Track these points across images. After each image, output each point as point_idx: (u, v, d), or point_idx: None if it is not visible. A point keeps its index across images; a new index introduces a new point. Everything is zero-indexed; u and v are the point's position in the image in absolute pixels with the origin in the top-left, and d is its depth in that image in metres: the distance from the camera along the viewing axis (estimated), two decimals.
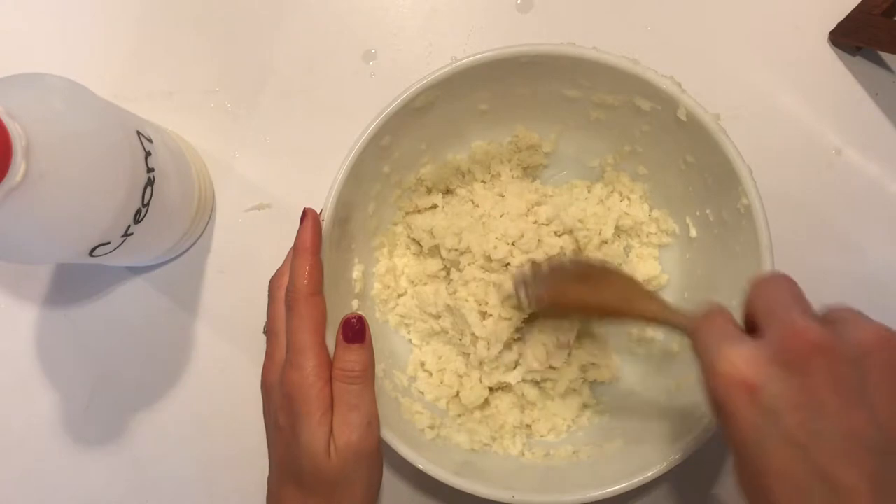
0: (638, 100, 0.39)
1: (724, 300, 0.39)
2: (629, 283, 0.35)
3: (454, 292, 0.43)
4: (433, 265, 0.45)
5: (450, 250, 0.43)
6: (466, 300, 0.42)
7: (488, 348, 0.42)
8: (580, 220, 0.43)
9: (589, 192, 0.46)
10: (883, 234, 0.46)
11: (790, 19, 0.48)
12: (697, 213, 0.42)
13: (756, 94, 0.47)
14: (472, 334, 0.42)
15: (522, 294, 0.39)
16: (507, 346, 0.42)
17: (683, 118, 0.37)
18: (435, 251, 0.45)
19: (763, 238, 0.36)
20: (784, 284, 0.27)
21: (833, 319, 0.25)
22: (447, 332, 0.44)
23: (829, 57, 0.48)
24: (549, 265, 0.39)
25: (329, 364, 0.35)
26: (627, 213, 0.45)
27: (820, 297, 0.46)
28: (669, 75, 0.38)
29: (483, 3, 0.49)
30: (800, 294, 0.27)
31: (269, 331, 0.38)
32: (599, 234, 0.43)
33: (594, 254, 0.43)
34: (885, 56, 0.48)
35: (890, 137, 0.47)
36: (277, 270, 0.38)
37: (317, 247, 0.36)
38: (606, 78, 0.39)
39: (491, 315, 0.41)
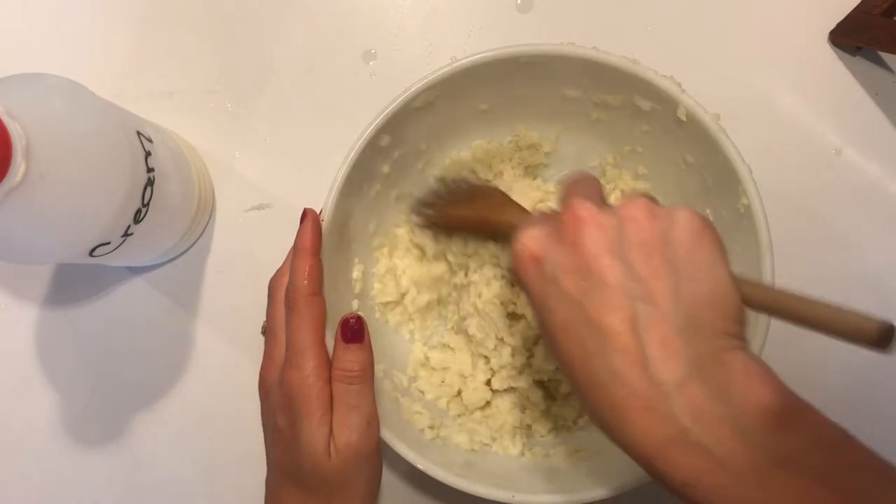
0: (638, 100, 0.39)
1: None
2: (501, 197, 0.39)
3: (479, 295, 0.42)
4: (437, 268, 0.44)
5: (457, 254, 0.43)
6: (493, 302, 0.42)
7: (513, 355, 0.42)
8: None
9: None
10: (883, 234, 0.46)
11: (790, 19, 0.48)
12: None
13: (756, 94, 0.47)
14: (499, 339, 0.42)
15: (415, 217, 0.42)
16: (519, 350, 0.42)
17: (683, 118, 0.37)
18: (440, 255, 0.44)
19: (763, 238, 0.36)
20: (581, 182, 0.32)
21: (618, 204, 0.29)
22: (473, 336, 0.43)
23: (829, 57, 0.48)
24: (447, 188, 0.42)
25: (329, 364, 0.35)
26: None
27: (820, 296, 0.46)
28: (669, 75, 0.38)
29: (483, 3, 0.49)
30: (591, 187, 0.31)
31: (268, 331, 0.38)
32: None
33: None
34: (885, 56, 0.48)
35: (890, 137, 0.47)
36: (277, 271, 0.38)
37: (317, 247, 0.36)
38: (606, 78, 0.39)
39: (523, 316, 0.41)
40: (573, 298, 0.27)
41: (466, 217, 0.40)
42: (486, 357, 0.43)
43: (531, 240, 0.29)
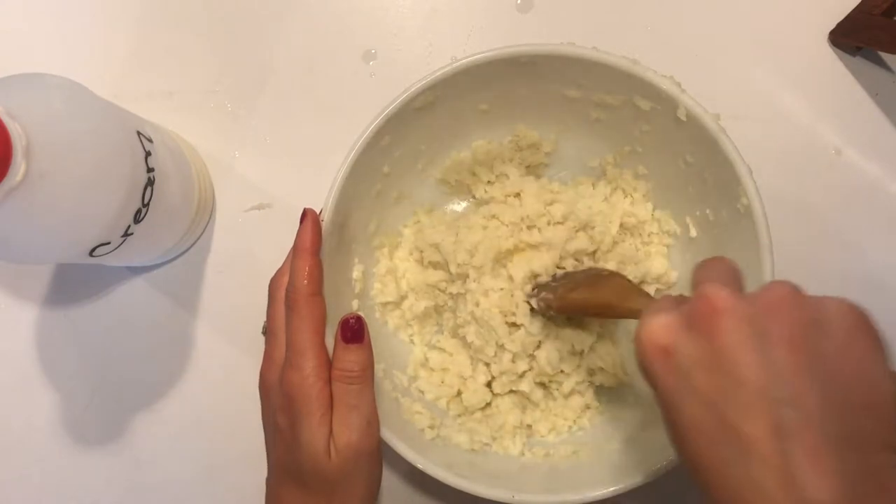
0: (638, 100, 0.39)
1: None
2: (625, 283, 0.37)
3: (477, 304, 0.42)
4: (433, 276, 0.44)
5: (460, 265, 0.42)
6: (491, 311, 0.42)
7: (514, 361, 0.42)
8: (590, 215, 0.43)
9: (594, 187, 0.46)
10: (883, 234, 0.46)
11: (790, 19, 0.48)
12: (697, 213, 0.42)
13: (756, 93, 0.47)
14: (499, 345, 0.42)
15: (534, 301, 0.41)
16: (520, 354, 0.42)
17: (683, 118, 0.37)
18: (437, 264, 0.44)
19: (763, 238, 0.36)
20: (715, 264, 0.29)
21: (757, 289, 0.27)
22: (471, 344, 0.43)
23: (829, 57, 0.48)
24: (564, 274, 0.41)
25: (328, 364, 0.35)
26: (632, 213, 0.45)
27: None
28: (669, 75, 0.38)
29: (483, 3, 0.49)
30: (728, 270, 0.28)
31: (268, 331, 0.38)
32: (608, 231, 0.43)
33: (606, 254, 0.43)
34: (885, 56, 0.48)
35: (890, 137, 0.47)
36: (278, 271, 0.38)
37: (317, 247, 0.36)
38: (606, 78, 0.39)
39: (521, 325, 0.41)
40: (707, 398, 0.24)
41: (587, 301, 0.38)
42: (485, 363, 0.43)
43: (659, 328, 0.26)
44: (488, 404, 0.44)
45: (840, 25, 0.47)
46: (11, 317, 0.47)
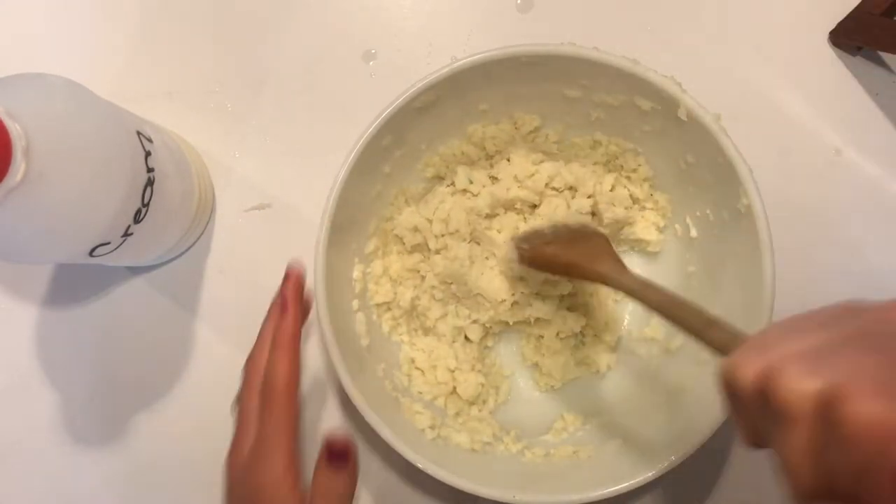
0: (638, 100, 0.39)
1: (725, 300, 0.40)
2: (602, 245, 0.37)
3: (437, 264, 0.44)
4: (412, 259, 0.45)
5: (438, 237, 0.43)
6: (456, 258, 0.43)
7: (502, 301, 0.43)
8: (578, 178, 0.44)
9: (592, 149, 0.45)
10: (883, 234, 0.46)
11: (790, 19, 0.48)
12: (697, 213, 0.42)
13: (756, 94, 0.47)
14: (475, 294, 0.43)
15: (514, 255, 0.41)
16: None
17: (684, 118, 0.37)
18: (416, 248, 0.45)
19: (763, 238, 0.36)
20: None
21: None
22: (458, 299, 0.44)
23: (830, 57, 0.48)
24: (546, 229, 0.41)
25: (298, 465, 0.33)
26: (627, 186, 0.45)
27: (820, 297, 0.46)
28: (670, 75, 0.38)
29: (483, 3, 0.49)
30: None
31: (239, 415, 0.36)
32: (598, 187, 0.44)
33: (607, 214, 0.44)
34: (885, 56, 0.48)
35: (890, 137, 0.47)
36: (254, 350, 0.37)
37: (298, 338, 0.35)
38: (607, 78, 0.39)
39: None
40: None
41: (557, 256, 0.38)
42: (472, 324, 0.44)
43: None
44: (483, 357, 0.45)
45: (840, 25, 0.47)
46: (11, 317, 0.47)
